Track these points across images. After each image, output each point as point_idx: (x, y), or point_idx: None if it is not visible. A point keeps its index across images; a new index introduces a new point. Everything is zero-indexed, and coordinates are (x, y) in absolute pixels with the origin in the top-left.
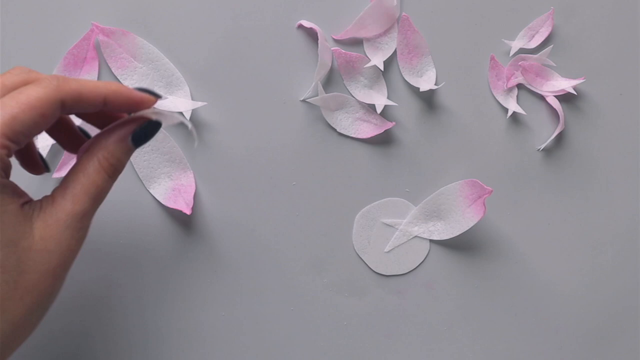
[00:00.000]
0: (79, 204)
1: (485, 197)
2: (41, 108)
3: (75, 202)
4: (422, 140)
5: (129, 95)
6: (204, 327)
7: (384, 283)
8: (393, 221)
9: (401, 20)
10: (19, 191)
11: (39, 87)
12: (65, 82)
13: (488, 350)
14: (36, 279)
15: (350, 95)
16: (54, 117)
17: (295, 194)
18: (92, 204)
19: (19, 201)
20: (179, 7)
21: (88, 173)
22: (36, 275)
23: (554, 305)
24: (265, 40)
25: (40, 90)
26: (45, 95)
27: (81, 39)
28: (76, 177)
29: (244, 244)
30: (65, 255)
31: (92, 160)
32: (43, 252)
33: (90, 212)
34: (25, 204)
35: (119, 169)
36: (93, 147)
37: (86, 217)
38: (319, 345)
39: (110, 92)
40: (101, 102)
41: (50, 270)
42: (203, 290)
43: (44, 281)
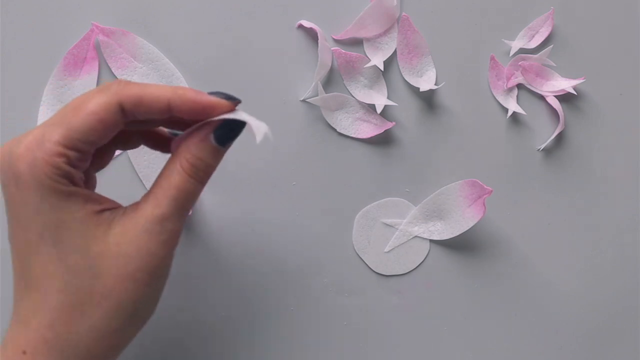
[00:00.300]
0: (158, 207)
1: (485, 197)
2: (98, 114)
3: (154, 205)
4: (422, 140)
5: (196, 99)
6: (204, 327)
7: (384, 283)
8: (393, 221)
9: (401, 20)
10: (95, 198)
11: (98, 93)
12: (125, 86)
13: (488, 350)
14: (112, 283)
15: (350, 95)
16: (115, 124)
17: (295, 194)
18: (173, 207)
19: (94, 208)
20: (179, 7)
21: (168, 175)
22: (112, 280)
23: (554, 305)
24: (265, 40)
25: (98, 96)
26: (103, 101)
27: (81, 39)
28: (158, 180)
29: (244, 244)
30: (146, 259)
31: (174, 162)
32: (119, 257)
33: (173, 215)
34: (106, 211)
35: (203, 170)
36: (178, 149)
37: (168, 220)
38: (319, 345)
39: (175, 97)
40: (165, 107)
41: (128, 274)
42: (203, 290)
43: (121, 285)
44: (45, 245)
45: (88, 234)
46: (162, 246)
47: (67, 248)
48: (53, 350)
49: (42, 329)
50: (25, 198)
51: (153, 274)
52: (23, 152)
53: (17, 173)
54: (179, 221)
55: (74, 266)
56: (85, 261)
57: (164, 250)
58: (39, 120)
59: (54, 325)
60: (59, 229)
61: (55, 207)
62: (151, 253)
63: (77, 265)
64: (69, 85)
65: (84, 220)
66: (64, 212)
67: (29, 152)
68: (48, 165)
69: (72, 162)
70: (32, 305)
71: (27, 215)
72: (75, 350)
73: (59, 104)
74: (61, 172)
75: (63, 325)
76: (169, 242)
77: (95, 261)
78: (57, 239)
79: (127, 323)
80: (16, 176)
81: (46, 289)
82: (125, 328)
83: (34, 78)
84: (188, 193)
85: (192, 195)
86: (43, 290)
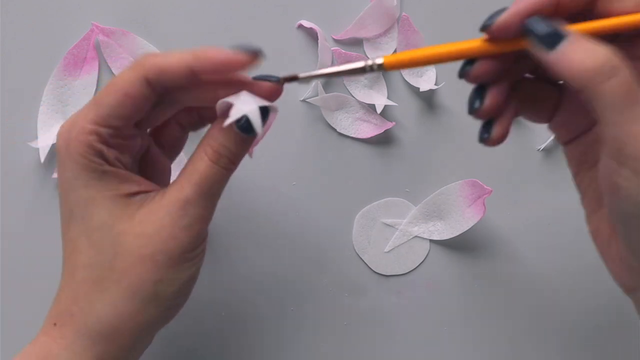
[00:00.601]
0: (181, 191)
1: (485, 197)
2: (123, 88)
3: (178, 189)
4: (422, 140)
5: (214, 57)
6: (204, 327)
7: (384, 283)
8: (393, 221)
9: (401, 20)
10: (133, 180)
11: (126, 69)
12: (147, 58)
13: (488, 350)
14: (131, 261)
15: (350, 95)
16: (142, 96)
17: (295, 194)
18: (195, 192)
19: (128, 189)
20: (179, 7)
21: (194, 160)
22: (131, 258)
23: (554, 305)
24: (265, 40)
25: (125, 72)
26: (128, 75)
27: (81, 39)
28: (185, 165)
29: (244, 244)
30: (167, 242)
31: (199, 148)
32: (140, 236)
33: (196, 200)
34: (141, 194)
35: (227, 157)
36: (205, 136)
37: (189, 205)
38: (319, 345)
39: (194, 59)
40: (187, 71)
41: (148, 255)
42: (203, 290)
43: (141, 266)
44: (75, 221)
45: (115, 213)
46: (184, 230)
47: (94, 224)
48: (77, 324)
49: (69, 302)
50: (63, 175)
51: (174, 257)
52: (62, 132)
53: (57, 151)
54: (204, 207)
55: (98, 242)
56: (108, 238)
57: (186, 234)
58: (39, 120)
59: (78, 299)
60: (87, 206)
61: (87, 185)
62: (173, 236)
63: (100, 241)
64: (69, 85)
65: (113, 199)
66: (94, 190)
67: (65, 132)
68: (81, 143)
69: (105, 140)
70: (64, 279)
71: (64, 191)
72: (97, 325)
73: (59, 104)
74: (94, 150)
75: (85, 300)
76: (192, 227)
77: (118, 238)
78: (85, 216)
79: (148, 306)
80: (57, 154)
81: (74, 264)
82: (146, 311)
83: (34, 78)
84: (212, 179)
85: (217, 182)
86: (71, 265)
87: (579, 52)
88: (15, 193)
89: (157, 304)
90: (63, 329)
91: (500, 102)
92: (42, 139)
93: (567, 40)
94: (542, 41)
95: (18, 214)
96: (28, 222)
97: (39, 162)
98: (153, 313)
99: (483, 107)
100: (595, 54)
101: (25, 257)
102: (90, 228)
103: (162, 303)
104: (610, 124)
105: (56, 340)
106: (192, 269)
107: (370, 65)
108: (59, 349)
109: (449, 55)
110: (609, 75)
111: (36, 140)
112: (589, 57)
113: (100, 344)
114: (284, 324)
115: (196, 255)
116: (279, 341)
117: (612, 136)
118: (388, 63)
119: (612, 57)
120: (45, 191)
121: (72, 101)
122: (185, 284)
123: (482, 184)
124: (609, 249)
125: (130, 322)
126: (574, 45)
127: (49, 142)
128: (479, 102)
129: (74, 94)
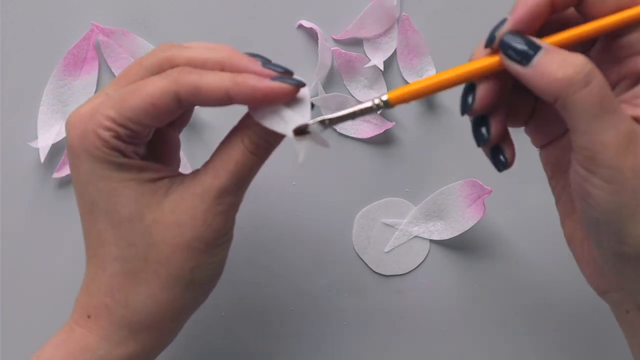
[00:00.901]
0: (217, 179)
1: (485, 197)
2: (152, 97)
3: (213, 175)
4: (422, 140)
5: (256, 87)
6: (204, 327)
7: (384, 283)
8: (393, 221)
9: (401, 20)
10: (152, 167)
11: (159, 78)
12: (185, 74)
13: (488, 350)
14: (168, 251)
15: (350, 95)
16: (169, 110)
17: (295, 194)
18: (232, 180)
19: (150, 176)
20: (179, 7)
21: (229, 148)
22: (167, 248)
23: (554, 305)
24: (265, 40)
25: (158, 80)
26: (160, 86)
27: (81, 39)
28: (218, 151)
29: (244, 244)
30: (201, 229)
31: (236, 135)
32: (174, 225)
33: (230, 188)
34: (165, 179)
35: (265, 148)
36: (242, 123)
37: (225, 193)
38: (319, 345)
39: (234, 86)
40: (224, 97)
41: (184, 243)
42: None
43: (178, 254)
44: (100, 214)
45: (142, 202)
46: (219, 217)
47: (120, 216)
48: (114, 316)
49: (102, 295)
50: (78, 167)
51: (209, 243)
52: (75, 122)
53: (70, 142)
54: (237, 194)
55: (127, 234)
56: (139, 229)
57: (220, 221)
58: (39, 120)
59: (112, 292)
60: (110, 197)
61: (106, 177)
62: (207, 224)
63: (130, 233)
64: (69, 85)
65: (137, 188)
66: (115, 181)
67: (81, 123)
68: (97, 137)
69: (122, 138)
70: (92, 272)
71: (81, 183)
72: (136, 316)
73: (59, 104)
74: (110, 145)
75: (120, 292)
76: (226, 214)
77: (150, 229)
78: (109, 207)
79: (186, 292)
80: (70, 144)
81: (103, 257)
82: (184, 297)
83: (34, 78)
84: (248, 168)
85: (252, 171)
86: (100, 258)
87: (551, 64)
88: (15, 193)
89: (194, 289)
90: (99, 320)
91: (505, 127)
92: (42, 139)
93: (540, 53)
94: (516, 57)
95: (18, 214)
96: (28, 222)
97: (39, 162)
98: (190, 298)
99: (491, 138)
100: (567, 64)
101: (25, 257)
102: (118, 220)
103: (199, 287)
104: (581, 132)
105: (93, 331)
106: (225, 252)
107: (377, 104)
108: (98, 339)
109: (454, 80)
110: (580, 85)
111: (36, 140)
112: (561, 67)
113: (140, 333)
114: (284, 323)
115: (227, 239)
116: (279, 341)
117: (583, 145)
118: (393, 98)
119: (584, 66)
120: (45, 191)
121: (72, 101)
122: (219, 265)
123: (482, 184)
124: (582, 252)
125: (170, 310)
126: (547, 58)
127: (49, 142)
128: (486, 133)
129: (74, 94)
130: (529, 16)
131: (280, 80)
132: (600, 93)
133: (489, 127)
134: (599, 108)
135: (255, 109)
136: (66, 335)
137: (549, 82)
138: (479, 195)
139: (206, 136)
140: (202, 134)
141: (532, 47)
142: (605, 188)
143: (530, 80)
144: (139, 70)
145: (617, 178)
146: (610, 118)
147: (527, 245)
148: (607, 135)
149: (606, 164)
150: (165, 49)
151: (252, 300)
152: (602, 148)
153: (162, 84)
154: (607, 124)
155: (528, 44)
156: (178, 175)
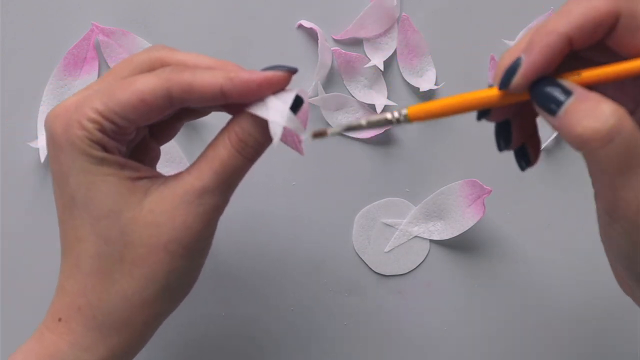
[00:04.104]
0: (199, 179)
1: (485, 197)
2: (142, 93)
3: (196, 176)
4: (422, 140)
5: (250, 79)
6: (204, 327)
7: (384, 283)
8: (393, 221)
9: (401, 20)
10: (132, 166)
11: (151, 74)
12: (178, 72)
13: (488, 350)
14: (144, 252)
15: (350, 95)
16: (159, 108)
17: (295, 194)
18: (215, 180)
19: (130, 174)
20: (179, 7)
21: (215, 147)
22: (143, 249)
23: (554, 305)
24: (265, 40)
25: (149, 77)
26: (152, 82)
27: (81, 39)
28: (205, 151)
29: (244, 244)
30: (180, 231)
31: (223, 134)
32: (152, 225)
33: (214, 189)
34: (144, 179)
35: (252, 146)
36: (229, 122)
37: (208, 193)
38: (319, 345)
39: (227, 82)
40: (218, 94)
41: (161, 245)
42: (203, 290)
43: (154, 256)
44: (77, 208)
45: (120, 200)
46: (199, 219)
47: (98, 212)
48: (86, 318)
49: (75, 295)
50: (60, 158)
51: (188, 247)
52: (60, 112)
53: (53, 132)
54: (221, 196)
55: (104, 232)
56: (116, 227)
57: (200, 223)
58: (39, 120)
59: (86, 291)
60: (90, 191)
61: (86, 170)
62: (187, 226)
63: (108, 231)
64: (69, 85)
65: (117, 184)
66: (95, 175)
67: (66, 113)
68: (81, 128)
69: (107, 132)
70: (67, 270)
71: (61, 175)
72: (108, 318)
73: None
74: (93, 137)
75: (94, 292)
76: (207, 216)
77: (127, 228)
78: (88, 202)
79: (161, 295)
80: (52, 135)
81: (79, 254)
82: (158, 300)
83: (34, 78)
84: (233, 168)
85: (237, 172)
86: (76, 255)
87: (578, 115)
88: (15, 193)
89: (170, 295)
90: (70, 323)
91: (525, 131)
92: (42, 139)
93: (569, 101)
94: (544, 108)
95: (18, 214)
96: (28, 222)
97: (39, 162)
98: (166, 305)
99: (513, 144)
100: (594, 117)
101: (25, 257)
102: (95, 216)
103: (175, 294)
104: (603, 185)
105: (62, 336)
106: (203, 259)
107: (397, 118)
108: (67, 345)
109: (475, 105)
110: (605, 141)
111: (36, 140)
112: (588, 121)
113: (110, 337)
114: (284, 323)
115: (207, 245)
116: (279, 341)
117: (605, 196)
118: (413, 114)
119: (608, 120)
120: (45, 191)
121: None
122: (195, 272)
123: (482, 184)
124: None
125: (142, 313)
126: (575, 107)
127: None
128: (507, 141)
129: None
130: (546, 59)
131: (272, 69)
132: (626, 150)
133: (510, 137)
134: (624, 165)
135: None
136: (35, 342)
137: (571, 137)
138: (478, 195)
139: (206, 136)
140: (202, 134)
141: (562, 93)
142: (625, 237)
143: (557, 130)
144: (128, 67)
145: (638, 233)
146: (633, 175)
147: (527, 245)
148: (630, 194)
149: (627, 219)
150: (156, 50)
151: (252, 300)
152: (624, 204)
153: (153, 80)
154: (631, 182)
155: (556, 92)
156: (160, 177)
